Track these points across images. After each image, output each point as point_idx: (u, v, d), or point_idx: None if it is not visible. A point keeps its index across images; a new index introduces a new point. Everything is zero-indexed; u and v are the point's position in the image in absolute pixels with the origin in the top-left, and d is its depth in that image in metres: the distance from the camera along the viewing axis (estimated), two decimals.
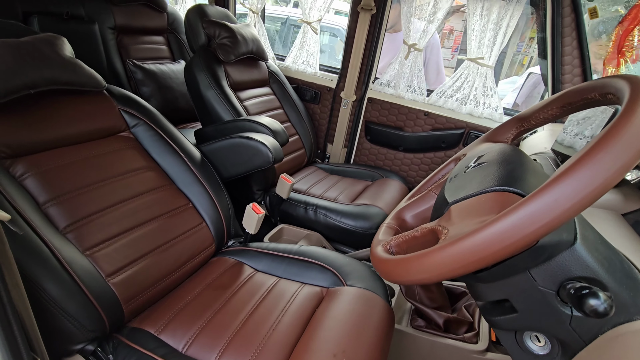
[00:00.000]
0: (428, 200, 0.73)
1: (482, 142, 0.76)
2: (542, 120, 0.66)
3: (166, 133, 1.14)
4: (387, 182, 1.68)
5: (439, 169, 0.82)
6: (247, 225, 1.14)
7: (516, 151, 0.58)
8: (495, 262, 0.38)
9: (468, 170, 0.58)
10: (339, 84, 1.96)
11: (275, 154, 1.19)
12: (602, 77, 0.53)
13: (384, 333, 0.85)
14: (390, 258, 0.51)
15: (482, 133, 1.71)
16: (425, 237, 0.53)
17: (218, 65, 1.55)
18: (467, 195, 0.50)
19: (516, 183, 0.47)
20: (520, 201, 0.37)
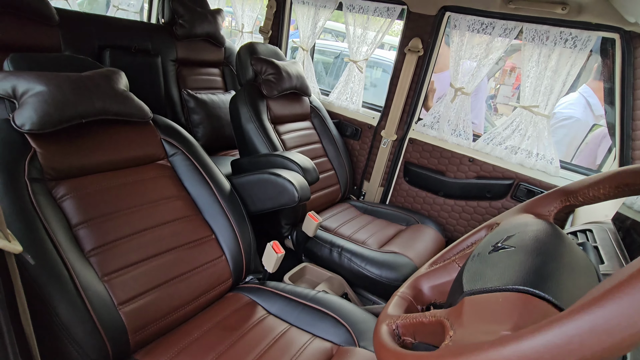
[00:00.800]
0: (450, 272, 0.65)
1: (520, 212, 0.67)
2: (592, 199, 0.56)
3: (200, 163, 1.18)
4: (422, 229, 1.58)
5: (468, 235, 0.74)
6: (267, 263, 1.12)
7: (554, 236, 0.49)
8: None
9: (493, 251, 0.51)
10: (380, 122, 1.93)
11: (301, 193, 1.17)
12: None
13: None
14: (389, 347, 0.45)
15: (533, 186, 1.56)
16: (433, 326, 0.47)
17: (261, 100, 1.60)
18: (484, 288, 0.43)
19: (545, 284, 0.39)
20: (546, 321, 0.29)
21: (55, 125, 0.88)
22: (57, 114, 0.88)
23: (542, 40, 1.45)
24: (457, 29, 1.62)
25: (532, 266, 0.42)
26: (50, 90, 0.89)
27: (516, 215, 0.67)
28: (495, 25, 1.53)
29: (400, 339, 0.49)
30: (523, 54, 1.50)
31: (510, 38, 1.52)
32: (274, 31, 2.19)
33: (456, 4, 1.57)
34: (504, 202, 1.64)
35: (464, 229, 1.79)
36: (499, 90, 8.28)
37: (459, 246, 0.73)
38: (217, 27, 2.07)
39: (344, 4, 1.88)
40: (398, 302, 0.62)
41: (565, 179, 1.50)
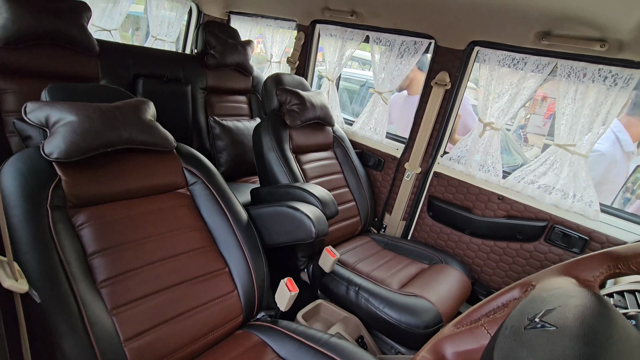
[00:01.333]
0: (477, 338, 0.58)
1: (560, 273, 0.60)
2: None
3: (219, 193, 1.18)
4: (446, 270, 1.49)
5: (498, 294, 0.67)
6: (279, 300, 1.08)
7: (604, 317, 0.43)
8: None
9: (530, 328, 0.44)
10: (404, 154, 1.88)
11: (318, 228, 1.13)
12: None
13: None
14: None
15: (569, 230, 1.44)
16: None
17: (284, 129, 1.61)
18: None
19: None
20: None
21: (81, 154, 0.90)
22: (85, 143, 0.90)
23: (579, 77, 1.38)
24: (487, 63, 1.58)
25: (579, 356, 0.36)
26: (80, 120, 0.92)
27: (555, 278, 0.60)
28: (527, 60, 1.48)
29: None
30: (558, 90, 1.43)
31: (544, 74, 1.46)
32: (301, 62, 2.23)
33: (486, 38, 1.54)
34: (537, 245, 1.53)
35: (491, 271, 1.67)
36: (530, 119, 8.03)
37: (488, 306, 0.66)
38: (246, 57, 2.14)
39: (371, 37, 1.90)
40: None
41: (607, 224, 1.38)
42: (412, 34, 1.74)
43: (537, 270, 1.53)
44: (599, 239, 1.39)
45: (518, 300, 0.65)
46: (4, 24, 1.20)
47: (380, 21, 1.82)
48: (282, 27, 2.36)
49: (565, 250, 1.47)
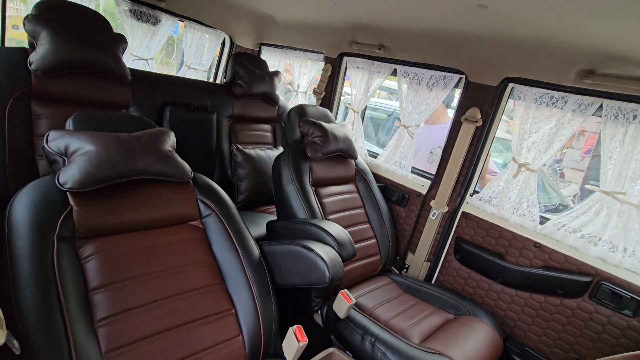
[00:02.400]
0: None
1: None
2: None
3: (233, 228, 1.13)
4: (474, 324, 1.34)
5: None
6: (287, 350, 0.99)
7: None
8: None
9: None
10: (430, 190, 1.78)
11: (333, 272, 1.05)
12: None
13: None
14: None
15: (620, 289, 1.27)
16: None
17: (304, 162, 1.57)
18: None
19: None
20: None
21: (95, 184, 0.89)
22: (99, 173, 0.90)
23: (628, 120, 1.26)
24: (522, 100, 1.49)
25: None
26: (97, 150, 0.92)
27: None
28: (568, 99, 1.38)
29: None
30: (604, 132, 1.31)
31: (586, 114, 1.35)
32: (327, 92, 2.23)
33: (521, 75, 1.45)
34: (580, 302, 1.35)
35: (526, 327, 1.49)
36: (566, 153, 7.64)
37: None
38: (273, 87, 2.17)
39: (399, 71, 1.87)
40: None
41: None
42: (441, 68, 1.69)
43: (582, 332, 1.35)
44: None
45: None
46: (44, 54, 1.27)
47: (408, 55, 1.79)
48: (310, 59, 2.39)
49: (615, 312, 1.29)
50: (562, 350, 1.41)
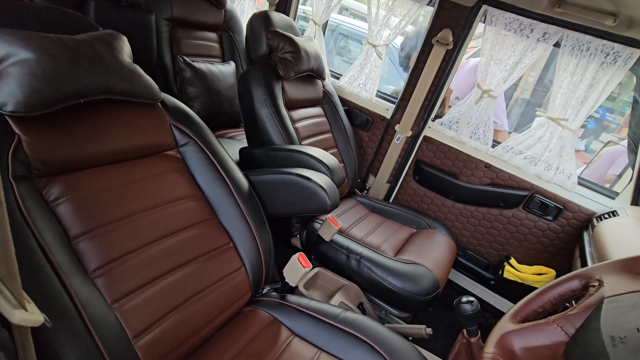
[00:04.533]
0: (549, 335, 0.57)
1: (623, 269, 0.60)
2: None
3: (216, 157, 1.01)
4: (434, 235, 1.53)
5: (553, 285, 0.67)
6: (289, 276, 1.01)
7: None
8: None
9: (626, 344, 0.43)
10: (394, 115, 1.81)
11: (333, 200, 1.05)
12: None
13: None
14: None
15: (547, 200, 1.54)
16: None
17: (276, 81, 1.42)
18: None
19: None
20: None
21: (47, 107, 0.67)
22: (50, 91, 0.67)
23: (582, 51, 1.38)
24: (493, 25, 1.51)
25: None
26: (39, 59, 0.67)
27: (621, 275, 0.60)
28: (535, 27, 1.43)
29: None
30: (559, 63, 1.43)
31: (549, 44, 1.43)
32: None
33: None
34: (515, 212, 1.63)
35: (469, 234, 1.77)
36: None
37: (544, 297, 0.65)
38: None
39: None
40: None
41: (581, 196, 1.50)
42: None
43: (513, 235, 1.65)
44: (571, 209, 1.51)
45: (575, 291, 0.65)
46: None
47: None
48: None
49: (540, 218, 1.58)
50: (495, 250, 1.72)
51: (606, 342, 0.47)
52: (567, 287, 0.65)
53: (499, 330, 0.61)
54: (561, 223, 1.54)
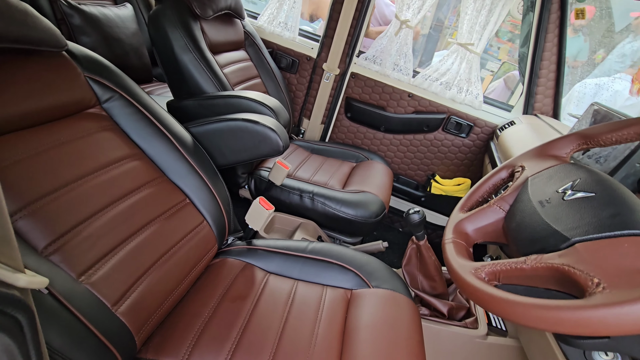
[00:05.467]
0: (491, 215, 0.70)
1: (539, 154, 0.75)
2: (613, 142, 0.66)
3: (149, 110, 0.91)
4: (373, 165, 1.65)
5: (489, 177, 0.80)
6: (253, 222, 1.02)
7: (616, 183, 0.57)
8: None
9: (569, 198, 0.56)
10: (320, 53, 1.80)
11: (284, 141, 1.05)
12: None
13: (419, 332, 0.85)
14: (513, 299, 0.47)
15: (460, 119, 1.76)
16: (537, 271, 0.51)
17: (194, 22, 1.27)
18: (603, 235, 0.48)
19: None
20: None
21: None
22: None
23: None
24: None
25: (632, 211, 0.49)
26: None
27: (537, 158, 0.75)
28: None
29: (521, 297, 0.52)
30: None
31: None
32: None
33: None
34: (436, 134, 1.83)
35: (400, 160, 1.95)
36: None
37: (482, 189, 0.78)
38: None
39: None
40: (457, 248, 0.66)
41: (487, 112, 1.74)
42: None
43: (435, 155, 1.87)
44: (480, 124, 1.76)
45: (505, 180, 0.79)
46: None
47: None
48: None
49: (456, 136, 1.81)
50: (422, 171, 1.94)
51: (536, 206, 0.60)
52: (498, 177, 0.79)
53: (453, 220, 0.73)
54: (472, 138, 1.79)
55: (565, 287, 0.48)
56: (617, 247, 0.46)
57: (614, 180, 0.58)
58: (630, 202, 0.51)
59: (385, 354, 0.75)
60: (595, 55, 5.33)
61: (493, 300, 0.49)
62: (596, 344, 0.55)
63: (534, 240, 0.56)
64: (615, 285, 0.41)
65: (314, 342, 0.77)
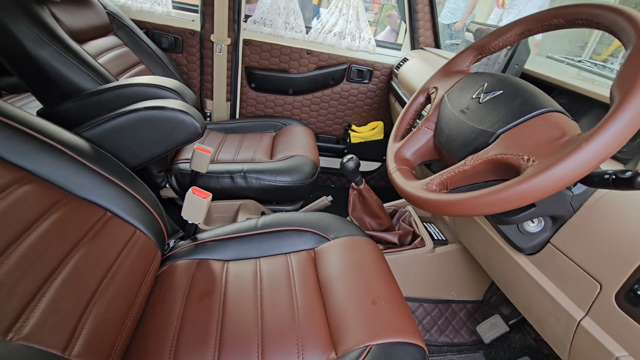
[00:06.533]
0: (422, 137, 0.76)
1: (445, 73, 0.82)
2: (500, 47, 0.75)
3: (20, 122, 0.74)
4: (292, 130, 1.64)
5: (410, 104, 0.86)
6: (191, 216, 0.93)
7: (514, 78, 0.66)
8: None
9: (485, 100, 0.63)
10: (204, 25, 1.65)
11: (200, 121, 0.95)
12: (567, 5, 0.63)
13: (385, 263, 0.91)
14: (468, 196, 0.52)
15: (362, 66, 1.83)
16: (477, 168, 0.57)
17: (39, 7, 1.03)
18: (518, 122, 0.55)
19: (552, 104, 0.55)
20: (608, 117, 0.43)
21: None
22: None
23: None
24: None
25: (534, 96, 0.58)
26: None
27: (445, 76, 0.82)
28: None
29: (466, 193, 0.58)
30: None
31: None
32: None
33: None
34: (342, 85, 1.88)
35: (315, 119, 1.97)
36: None
37: (407, 116, 0.84)
38: None
39: None
40: (404, 173, 0.70)
41: (382, 55, 1.83)
42: None
43: (347, 106, 1.94)
44: (378, 67, 1.85)
45: (424, 104, 0.86)
46: None
47: None
48: None
49: (360, 83, 1.89)
50: (339, 125, 2.00)
51: (459, 115, 0.66)
52: (417, 102, 0.85)
53: (391, 151, 0.77)
54: (374, 82, 1.89)
55: (503, 174, 0.55)
56: (532, 126, 0.54)
57: (511, 76, 0.67)
58: (530, 89, 0.60)
59: (363, 291, 0.79)
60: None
61: (450, 204, 0.54)
62: (527, 215, 0.65)
63: (465, 144, 0.63)
64: (540, 155, 0.49)
65: (297, 307, 0.77)
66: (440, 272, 1.25)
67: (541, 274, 0.73)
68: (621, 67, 0.46)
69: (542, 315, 0.74)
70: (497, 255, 0.86)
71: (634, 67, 0.43)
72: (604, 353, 0.59)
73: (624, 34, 0.48)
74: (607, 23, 0.52)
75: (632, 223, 0.56)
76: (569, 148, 0.44)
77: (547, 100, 0.57)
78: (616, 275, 0.57)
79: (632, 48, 0.46)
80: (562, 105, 0.87)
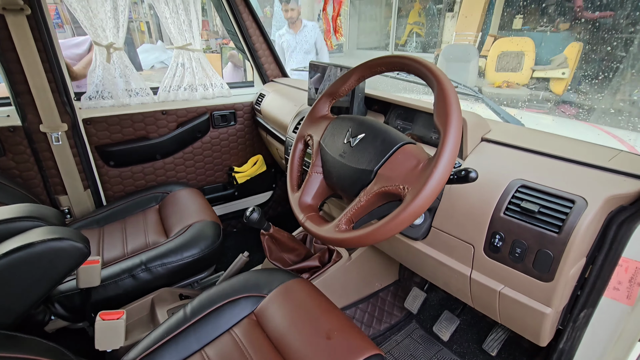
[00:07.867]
0: (315, 181, 0.86)
1: (312, 121, 0.94)
2: (347, 90, 0.91)
3: None
4: (176, 196, 1.55)
5: (292, 157, 0.95)
6: (109, 343, 0.83)
7: (369, 119, 0.81)
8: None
9: (355, 144, 0.77)
10: (25, 117, 1.40)
11: (79, 238, 0.83)
12: (386, 56, 0.80)
13: (321, 296, 0.99)
14: (371, 229, 0.64)
15: (223, 111, 1.85)
16: (370, 201, 0.70)
17: None
18: (385, 158, 0.69)
19: (403, 138, 0.72)
20: (441, 146, 0.60)
21: None
22: None
23: None
24: None
25: (389, 134, 0.73)
26: None
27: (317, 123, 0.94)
28: None
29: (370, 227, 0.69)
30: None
31: None
32: None
33: None
34: (211, 133, 1.86)
35: (196, 176, 1.90)
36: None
37: (294, 165, 0.94)
38: None
39: None
40: (315, 220, 0.80)
41: (238, 95, 1.89)
42: None
43: (222, 152, 1.93)
44: (239, 107, 1.90)
45: (304, 150, 0.96)
46: None
47: None
48: None
49: (227, 127, 1.91)
50: (221, 171, 1.97)
51: (339, 159, 0.79)
52: (298, 151, 0.95)
53: (294, 201, 0.85)
54: (240, 121, 1.94)
55: (391, 198, 0.69)
56: (396, 160, 0.69)
57: (367, 117, 0.83)
58: (383, 128, 0.77)
59: (315, 332, 0.85)
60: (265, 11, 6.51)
61: (362, 238, 0.65)
62: None
63: (353, 183, 0.76)
64: (410, 182, 0.64)
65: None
66: (361, 272, 1.41)
67: (435, 250, 0.92)
68: (434, 105, 0.65)
69: (446, 279, 0.94)
70: (400, 246, 1.04)
71: (442, 107, 0.62)
72: (491, 291, 0.80)
73: (427, 79, 0.67)
74: (414, 71, 0.70)
75: (473, 198, 0.78)
76: (427, 173, 0.60)
77: (398, 135, 0.74)
78: (479, 236, 0.79)
79: (435, 91, 0.65)
80: (399, 115, 1.11)
